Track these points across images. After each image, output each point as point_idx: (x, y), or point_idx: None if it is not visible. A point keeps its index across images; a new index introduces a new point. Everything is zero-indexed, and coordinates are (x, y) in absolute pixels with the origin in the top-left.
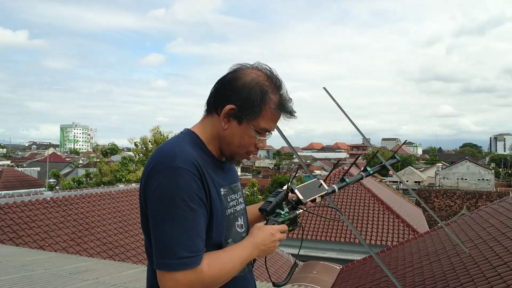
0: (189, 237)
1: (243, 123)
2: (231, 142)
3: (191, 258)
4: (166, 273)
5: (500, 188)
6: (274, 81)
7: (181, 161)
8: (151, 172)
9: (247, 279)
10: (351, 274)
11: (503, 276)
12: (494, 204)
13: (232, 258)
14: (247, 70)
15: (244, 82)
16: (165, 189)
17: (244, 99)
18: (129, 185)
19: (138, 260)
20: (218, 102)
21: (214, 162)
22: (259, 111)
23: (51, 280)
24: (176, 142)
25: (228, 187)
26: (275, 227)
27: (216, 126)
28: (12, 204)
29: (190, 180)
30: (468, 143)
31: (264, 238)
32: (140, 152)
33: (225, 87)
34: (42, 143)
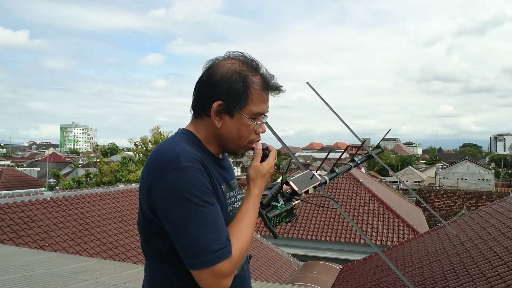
0: (215, 230)
1: (235, 115)
2: (230, 137)
3: (224, 249)
4: (204, 271)
5: (500, 188)
6: (250, 63)
7: (186, 160)
8: (157, 175)
9: (245, 278)
10: (351, 274)
11: (503, 276)
12: (494, 204)
13: (246, 222)
14: (220, 63)
15: (221, 75)
16: (178, 191)
17: (227, 91)
18: (129, 185)
19: (138, 260)
20: (204, 103)
21: (212, 159)
22: (245, 97)
23: (51, 280)
24: (174, 141)
25: (226, 184)
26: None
27: (210, 127)
28: (12, 204)
29: (200, 176)
30: (468, 143)
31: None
32: (140, 152)
33: (205, 87)
34: (42, 143)
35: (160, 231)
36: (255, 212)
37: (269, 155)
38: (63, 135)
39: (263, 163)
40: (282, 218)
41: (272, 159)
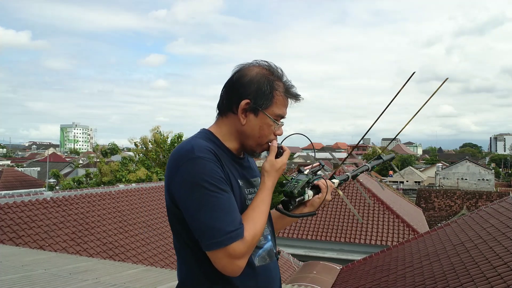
0: (228, 214)
1: (260, 114)
2: (252, 135)
3: (236, 230)
4: (218, 251)
5: (500, 188)
6: (275, 71)
7: (199, 151)
8: (174, 168)
9: (270, 269)
10: (351, 274)
11: (503, 276)
12: (494, 204)
13: (261, 209)
14: (249, 67)
15: (251, 77)
16: (192, 179)
17: (255, 91)
18: (129, 185)
19: (138, 260)
20: (232, 101)
21: (231, 157)
22: (270, 99)
23: (51, 280)
24: (191, 138)
25: (245, 180)
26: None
27: (233, 124)
28: (12, 204)
29: (212, 165)
30: (468, 143)
31: (280, 175)
32: (140, 152)
33: (235, 86)
34: (42, 143)
35: (184, 222)
36: (268, 203)
37: (283, 154)
38: (63, 135)
39: (277, 159)
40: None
41: (285, 157)
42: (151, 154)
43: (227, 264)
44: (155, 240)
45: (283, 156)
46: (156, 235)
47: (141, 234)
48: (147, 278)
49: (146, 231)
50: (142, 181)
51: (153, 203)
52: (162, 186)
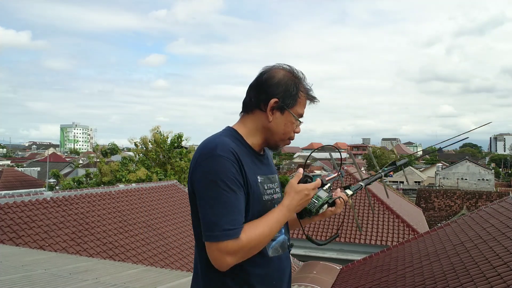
0: (231, 213)
1: (285, 112)
2: (277, 131)
3: (233, 230)
4: (212, 243)
5: (500, 188)
6: (298, 74)
7: (221, 150)
8: (197, 162)
9: (282, 260)
10: (351, 274)
11: (503, 276)
12: (494, 204)
13: (267, 223)
14: (275, 69)
15: (279, 79)
16: (209, 174)
17: (283, 91)
18: (129, 185)
19: (138, 260)
20: (261, 99)
21: (252, 153)
22: (295, 99)
23: (51, 280)
24: (216, 135)
25: (265, 176)
26: (309, 186)
27: (260, 121)
28: (12, 204)
29: (230, 165)
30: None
31: (300, 200)
32: (140, 152)
33: (265, 86)
34: (42, 143)
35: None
36: (277, 218)
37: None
38: (63, 135)
39: (299, 183)
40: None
41: (310, 185)
42: (151, 154)
43: (216, 257)
44: (155, 240)
45: (308, 184)
46: (156, 235)
47: (141, 234)
48: (147, 278)
49: (146, 231)
50: (142, 181)
51: (153, 203)
52: (162, 186)
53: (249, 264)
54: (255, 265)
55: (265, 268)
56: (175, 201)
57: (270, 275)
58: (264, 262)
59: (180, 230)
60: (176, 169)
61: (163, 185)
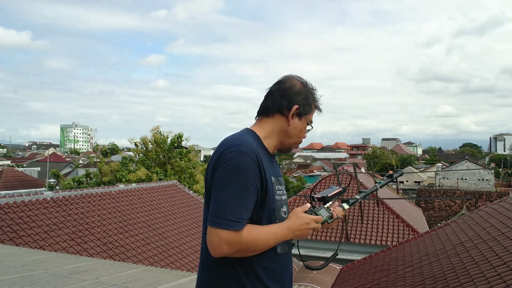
0: (238, 206)
1: (302, 118)
2: (294, 135)
3: (235, 222)
4: (213, 228)
5: (500, 188)
6: (310, 85)
7: (245, 148)
8: (222, 153)
9: (288, 257)
10: (351, 274)
11: (503, 276)
12: (494, 204)
13: (268, 233)
14: (294, 79)
15: (300, 88)
16: (229, 166)
17: (303, 99)
18: (129, 185)
19: (138, 260)
20: (283, 105)
21: (268, 155)
22: (311, 107)
23: (51, 280)
24: (240, 134)
25: (275, 178)
26: (312, 217)
27: (278, 124)
28: (12, 204)
29: (250, 163)
30: (468, 143)
31: (300, 225)
32: (140, 152)
33: (288, 93)
34: (42, 143)
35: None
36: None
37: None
38: (63, 135)
39: (303, 212)
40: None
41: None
42: (151, 154)
43: (214, 242)
44: (155, 240)
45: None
46: (156, 235)
47: (141, 234)
48: (147, 278)
49: (146, 231)
50: (142, 181)
51: (153, 203)
52: (162, 186)
53: (259, 257)
54: (264, 258)
55: (273, 263)
56: (175, 201)
57: (276, 270)
58: (273, 257)
59: (180, 230)
60: (176, 169)
61: (163, 185)
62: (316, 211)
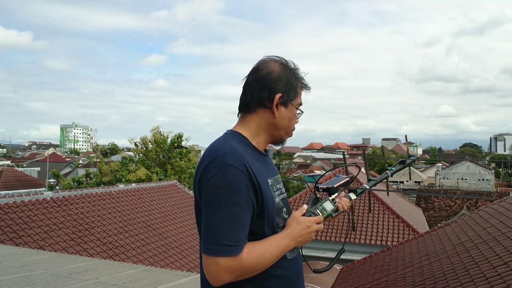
0: (233, 228)
1: (289, 106)
2: (283, 125)
3: (233, 246)
4: (209, 257)
5: (500, 188)
6: (291, 64)
7: (230, 159)
8: (205, 169)
9: (299, 261)
10: (351, 274)
11: (503, 276)
12: (494, 204)
13: (270, 248)
14: (270, 63)
15: (279, 72)
16: (216, 184)
17: (286, 85)
18: (129, 185)
19: (138, 260)
20: (264, 96)
21: (259, 156)
22: (296, 91)
23: (51, 280)
24: (224, 141)
25: (273, 178)
26: (312, 219)
27: (264, 118)
28: (12, 204)
29: (239, 176)
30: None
31: (301, 230)
32: (140, 152)
33: (266, 81)
34: (42, 143)
35: None
36: (279, 246)
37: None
38: (63, 135)
39: (302, 216)
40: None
41: (312, 218)
42: (151, 154)
43: (212, 272)
44: (155, 240)
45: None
46: (156, 235)
47: (141, 234)
48: (147, 278)
49: (146, 231)
50: (142, 181)
51: (153, 203)
52: (162, 186)
53: (271, 267)
54: (276, 267)
55: (286, 270)
56: (175, 201)
57: (289, 277)
58: (284, 264)
59: (180, 230)
60: (176, 169)
61: (163, 185)
62: (319, 205)
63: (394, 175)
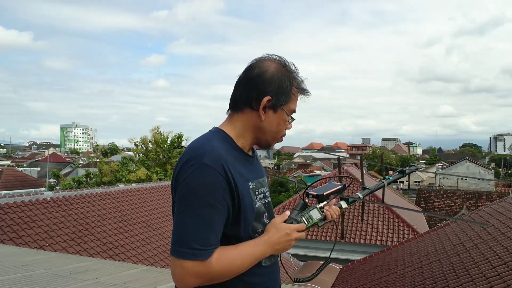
0: (204, 231)
1: (278, 110)
2: (270, 130)
3: (201, 250)
4: (176, 259)
5: (500, 188)
6: (290, 66)
7: (208, 159)
8: (182, 167)
9: (275, 268)
10: (351, 274)
11: (503, 276)
12: (494, 204)
13: (242, 255)
14: (266, 62)
15: (272, 73)
16: (190, 184)
17: (277, 88)
18: (129, 185)
19: (138, 260)
20: (252, 97)
21: (243, 157)
22: (289, 95)
23: (51, 280)
24: (205, 139)
25: (256, 181)
26: (292, 227)
27: (250, 120)
28: (12, 204)
29: (215, 177)
30: (468, 143)
31: (279, 238)
32: (140, 152)
33: (256, 82)
34: (42, 143)
35: None
36: (254, 253)
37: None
38: (63, 135)
39: (282, 222)
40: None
41: (293, 226)
42: (151, 154)
43: (177, 274)
44: (155, 240)
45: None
46: (156, 235)
47: (141, 234)
48: (147, 278)
49: (146, 231)
50: (142, 181)
51: (153, 203)
52: (162, 186)
53: (245, 273)
54: (250, 274)
55: (261, 277)
56: None
57: (264, 285)
58: (260, 271)
59: None
60: None
61: (163, 185)
62: (306, 213)
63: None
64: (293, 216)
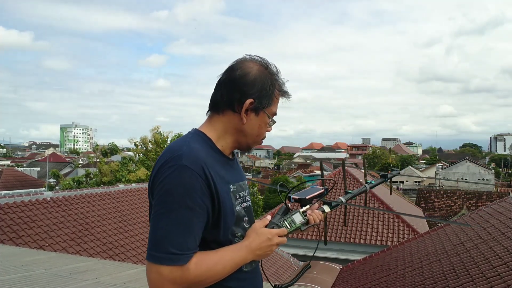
0: (182, 235)
1: (260, 113)
2: (251, 133)
3: (179, 255)
4: (152, 264)
5: (500, 188)
6: (271, 68)
7: (187, 160)
8: (160, 169)
9: (257, 273)
10: (351, 274)
11: (503, 276)
12: (494, 204)
13: (222, 260)
14: (249, 64)
15: (255, 76)
16: (168, 186)
17: (259, 91)
18: (129, 185)
19: (138, 260)
20: (234, 99)
21: (223, 160)
22: (271, 98)
23: (51, 280)
24: (184, 141)
25: (237, 184)
26: (273, 231)
27: (231, 122)
28: (12, 204)
29: (194, 179)
30: (468, 143)
31: (260, 243)
32: (140, 152)
33: (238, 84)
34: (42, 143)
35: None
36: (233, 258)
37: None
38: (63, 135)
39: (263, 227)
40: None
41: (274, 231)
42: (151, 154)
43: (154, 280)
44: None
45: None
46: None
47: (141, 234)
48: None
49: (146, 231)
50: (142, 181)
51: None
52: None
53: (225, 278)
54: (230, 279)
55: (241, 282)
56: None
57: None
58: (240, 277)
59: None
60: None
61: None
62: (288, 217)
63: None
64: (274, 221)
